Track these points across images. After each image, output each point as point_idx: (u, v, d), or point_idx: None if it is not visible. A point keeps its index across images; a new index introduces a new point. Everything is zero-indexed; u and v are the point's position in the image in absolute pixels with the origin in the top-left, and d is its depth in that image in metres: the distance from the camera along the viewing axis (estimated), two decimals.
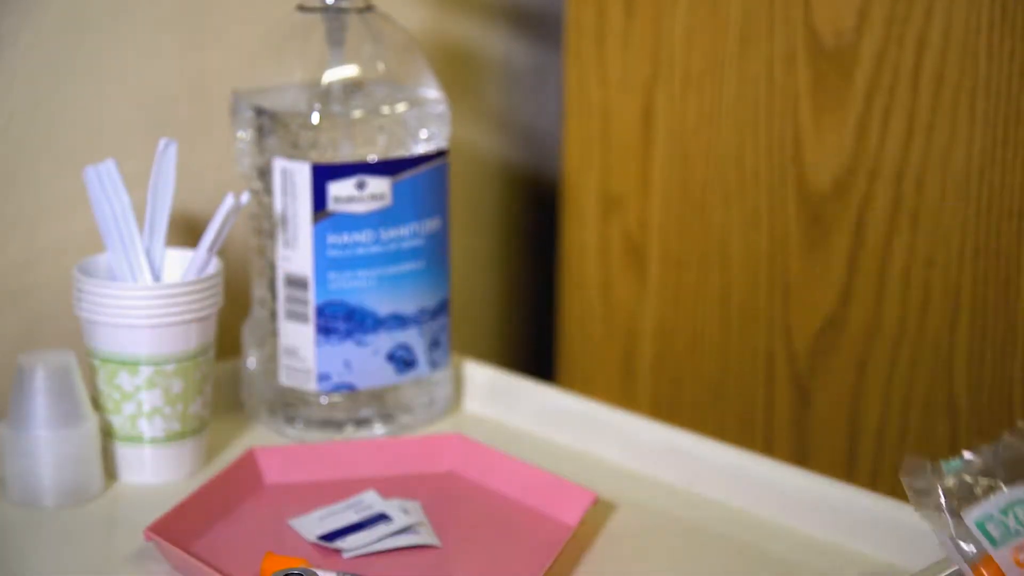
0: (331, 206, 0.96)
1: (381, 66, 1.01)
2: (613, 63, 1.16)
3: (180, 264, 0.96)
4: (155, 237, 0.95)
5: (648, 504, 0.92)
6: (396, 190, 0.98)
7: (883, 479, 1.04)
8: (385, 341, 1.00)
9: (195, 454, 0.95)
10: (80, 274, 0.93)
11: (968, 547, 0.71)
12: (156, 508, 0.85)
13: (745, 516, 0.90)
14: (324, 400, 1.00)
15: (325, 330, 0.98)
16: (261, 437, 1.01)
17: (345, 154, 0.96)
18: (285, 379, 1.00)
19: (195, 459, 0.95)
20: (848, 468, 1.06)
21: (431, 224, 1.00)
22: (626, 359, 1.20)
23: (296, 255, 0.98)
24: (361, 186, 0.96)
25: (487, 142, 1.31)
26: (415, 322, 1.01)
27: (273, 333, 1.00)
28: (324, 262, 0.97)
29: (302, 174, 0.96)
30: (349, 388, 0.99)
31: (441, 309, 1.03)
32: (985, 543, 0.71)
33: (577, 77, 1.18)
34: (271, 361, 1.00)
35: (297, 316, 0.98)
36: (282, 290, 0.99)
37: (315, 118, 0.96)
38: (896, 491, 1.02)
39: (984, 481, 0.73)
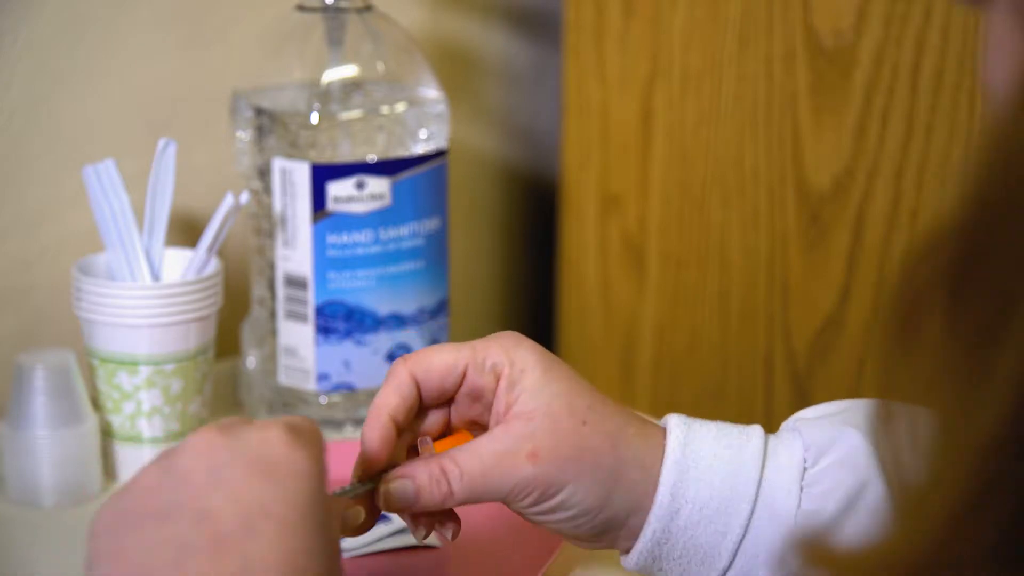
0: (330, 206, 0.96)
1: (380, 66, 1.01)
2: (612, 62, 1.16)
3: (179, 264, 0.96)
4: (154, 237, 0.95)
5: None
6: (395, 190, 0.98)
7: None
8: (384, 341, 1.00)
9: None
10: (79, 273, 0.93)
11: None
12: None
13: None
14: (323, 400, 1.00)
15: (324, 330, 0.98)
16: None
17: (344, 154, 0.96)
18: (284, 379, 1.00)
19: None
20: None
21: (430, 224, 1.00)
22: (625, 358, 1.20)
23: (295, 255, 0.98)
24: (360, 186, 0.97)
25: (486, 142, 1.31)
26: (414, 322, 1.01)
27: (272, 333, 1.00)
28: (323, 262, 0.97)
29: (301, 174, 0.96)
30: (348, 388, 0.99)
31: (440, 309, 1.03)
32: None
33: (576, 76, 1.18)
34: (270, 361, 1.00)
35: (296, 316, 0.98)
36: (281, 290, 0.99)
37: (314, 118, 0.96)
38: None
39: None
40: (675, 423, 0.71)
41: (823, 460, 0.68)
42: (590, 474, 0.68)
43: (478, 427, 0.72)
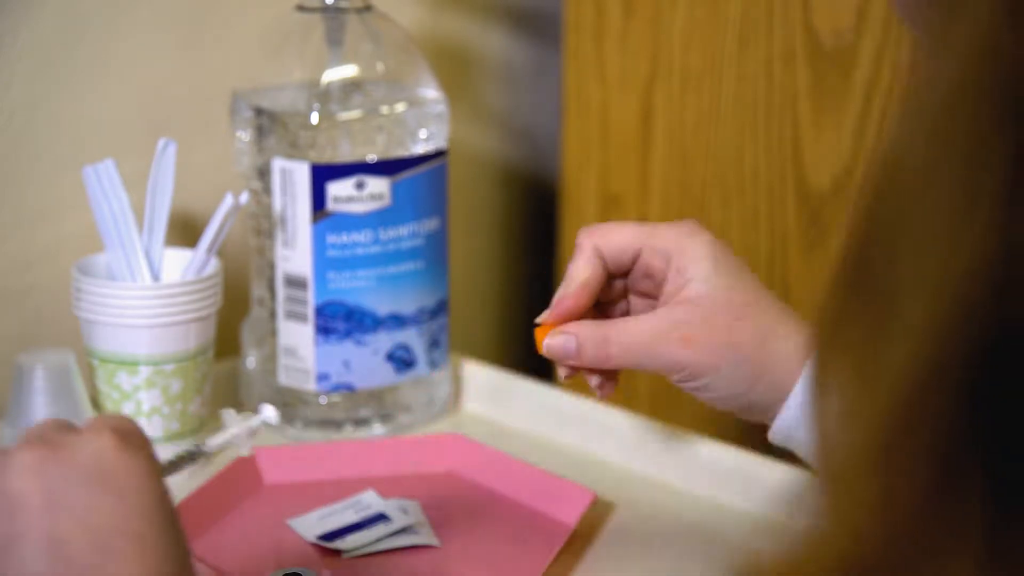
0: (330, 206, 0.96)
1: (380, 66, 1.01)
2: (612, 62, 1.16)
3: (179, 264, 0.96)
4: (154, 237, 0.95)
5: (647, 504, 0.92)
6: (395, 190, 0.98)
7: None
8: (384, 341, 1.00)
9: None
10: (79, 274, 0.93)
11: None
12: None
13: (744, 516, 0.90)
14: (323, 400, 1.00)
15: (324, 330, 0.98)
16: (260, 437, 1.00)
17: (344, 154, 0.96)
18: (284, 379, 1.00)
19: None
20: None
21: (430, 224, 1.00)
22: None
23: (295, 255, 0.98)
24: (360, 186, 0.97)
25: (486, 142, 1.31)
26: (414, 322, 1.01)
27: (272, 333, 1.00)
28: (323, 262, 0.97)
29: (301, 174, 0.96)
30: (348, 388, 0.99)
31: (440, 309, 1.03)
32: None
33: (576, 76, 1.18)
34: (270, 361, 1.00)
35: (296, 316, 0.98)
36: (281, 290, 0.99)
37: (314, 118, 0.96)
38: None
39: None
40: None
41: None
42: (736, 366, 0.75)
43: (649, 299, 0.80)
